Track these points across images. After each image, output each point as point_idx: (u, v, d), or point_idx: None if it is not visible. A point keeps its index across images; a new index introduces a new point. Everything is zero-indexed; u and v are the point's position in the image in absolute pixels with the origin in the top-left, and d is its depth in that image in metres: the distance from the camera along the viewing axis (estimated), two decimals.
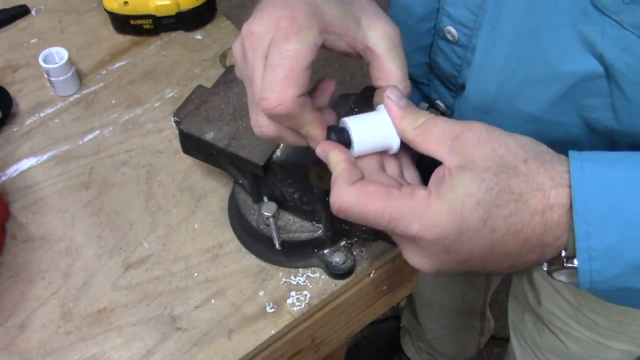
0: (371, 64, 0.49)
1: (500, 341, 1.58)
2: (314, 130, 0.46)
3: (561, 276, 0.43)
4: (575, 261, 0.41)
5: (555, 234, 0.41)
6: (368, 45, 0.48)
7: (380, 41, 0.48)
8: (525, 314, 0.88)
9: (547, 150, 0.43)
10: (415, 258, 0.44)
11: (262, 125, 0.47)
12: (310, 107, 0.45)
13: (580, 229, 0.40)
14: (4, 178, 0.74)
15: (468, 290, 1.20)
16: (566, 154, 0.42)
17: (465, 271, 0.44)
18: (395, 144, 0.46)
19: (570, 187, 0.40)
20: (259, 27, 0.45)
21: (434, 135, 0.43)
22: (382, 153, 0.48)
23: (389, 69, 0.48)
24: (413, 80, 0.67)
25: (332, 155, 0.45)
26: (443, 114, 0.65)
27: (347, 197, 0.42)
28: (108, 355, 0.61)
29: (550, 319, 0.80)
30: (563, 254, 0.42)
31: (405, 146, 0.47)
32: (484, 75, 0.54)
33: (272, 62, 0.43)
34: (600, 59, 0.45)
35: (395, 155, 0.48)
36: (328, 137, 0.47)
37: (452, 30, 0.55)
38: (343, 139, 0.46)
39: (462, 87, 0.59)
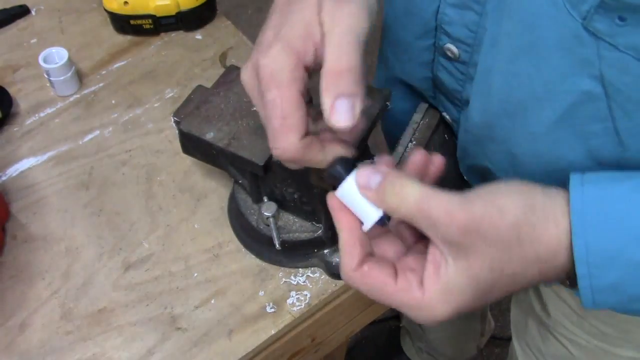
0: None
1: (500, 341, 1.58)
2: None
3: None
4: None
5: (555, 276, 0.43)
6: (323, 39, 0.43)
7: (330, 31, 0.43)
8: (529, 320, 0.87)
9: (541, 206, 0.42)
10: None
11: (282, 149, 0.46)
12: (318, 146, 0.44)
13: (581, 270, 0.41)
14: (4, 178, 0.74)
15: None
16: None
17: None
18: (369, 222, 0.44)
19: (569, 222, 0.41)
20: (245, 75, 0.46)
21: (419, 219, 0.42)
22: None
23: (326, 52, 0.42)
24: (419, 92, 0.67)
25: (337, 223, 0.45)
26: (449, 126, 0.64)
27: (354, 281, 0.44)
28: (108, 355, 0.61)
29: (555, 326, 0.79)
30: (567, 282, 0.44)
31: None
32: (486, 92, 0.53)
33: (266, 115, 0.44)
34: (599, 78, 0.44)
35: None
36: (331, 168, 0.45)
37: (452, 48, 0.55)
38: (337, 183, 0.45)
39: (467, 102, 0.58)
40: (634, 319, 0.68)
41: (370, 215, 0.44)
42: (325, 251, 0.65)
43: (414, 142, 0.59)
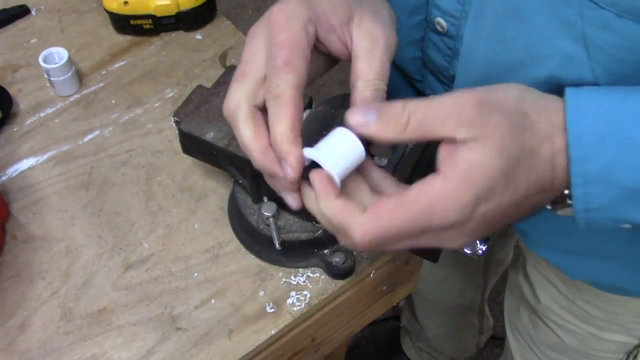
0: (351, 63, 0.47)
1: (500, 341, 1.58)
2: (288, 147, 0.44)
3: (562, 212, 0.45)
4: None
5: (563, 176, 0.42)
6: (349, 42, 0.47)
7: (361, 40, 0.46)
8: (521, 308, 0.88)
9: (539, 94, 0.43)
10: (455, 241, 0.43)
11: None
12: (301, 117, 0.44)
13: (574, 153, 0.40)
14: (4, 178, 0.74)
15: (466, 287, 1.20)
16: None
17: (493, 230, 0.45)
18: (362, 153, 0.44)
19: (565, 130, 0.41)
20: (253, 28, 0.48)
21: (430, 124, 0.41)
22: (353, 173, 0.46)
23: (361, 68, 0.46)
24: (407, 76, 0.67)
25: (320, 201, 0.43)
26: None
27: (366, 228, 0.41)
28: (108, 355, 0.61)
29: (545, 312, 0.80)
30: (566, 192, 0.43)
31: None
32: (470, 63, 0.54)
33: (272, 55, 0.45)
34: (582, 39, 0.44)
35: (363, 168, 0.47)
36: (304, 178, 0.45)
37: (441, 22, 0.56)
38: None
39: (454, 79, 0.58)
40: (621, 301, 0.68)
41: (360, 151, 0.44)
42: (325, 251, 0.65)
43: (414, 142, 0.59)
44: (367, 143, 0.44)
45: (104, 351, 0.61)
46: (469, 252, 0.59)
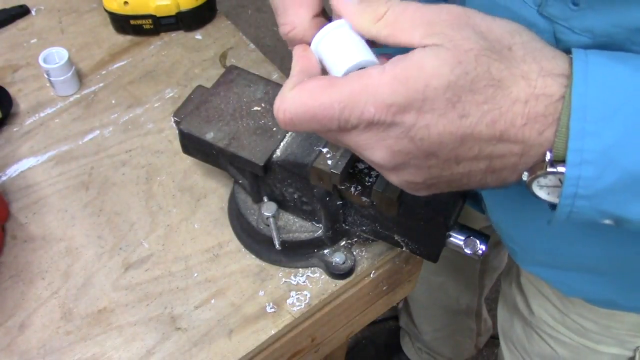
0: None
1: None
2: None
3: (541, 190, 0.39)
4: (562, 168, 0.36)
5: (538, 127, 0.36)
6: None
7: None
8: (514, 319, 0.87)
9: (539, 39, 0.38)
10: (375, 151, 0.38)
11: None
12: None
13: (575, 126, 0.35)
14: (4, 178, 0.74)
15: (462, 293, 1.19)
16: None
17: (434, 176, 0.40)
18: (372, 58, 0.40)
19: (565, 76, 0.36)
20: None
21: (403, 23, 0.37)
22: None
23: None
24: None
25: (294, 61, 0.42)
26: None
27: (288, 102, 0.38)
28: (108, 355, 0.61)
29: (539, 324, 0.79)
30: (548, 156, 0.37)
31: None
32: None
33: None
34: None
35: None
36: None
37: None
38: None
39: None
40: (615, 315, 0.68)
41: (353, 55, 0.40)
42: (325, 251, 0.65)
43: None
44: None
45: (104, 351, 0.61)
46: (469, 252, 0.59)
